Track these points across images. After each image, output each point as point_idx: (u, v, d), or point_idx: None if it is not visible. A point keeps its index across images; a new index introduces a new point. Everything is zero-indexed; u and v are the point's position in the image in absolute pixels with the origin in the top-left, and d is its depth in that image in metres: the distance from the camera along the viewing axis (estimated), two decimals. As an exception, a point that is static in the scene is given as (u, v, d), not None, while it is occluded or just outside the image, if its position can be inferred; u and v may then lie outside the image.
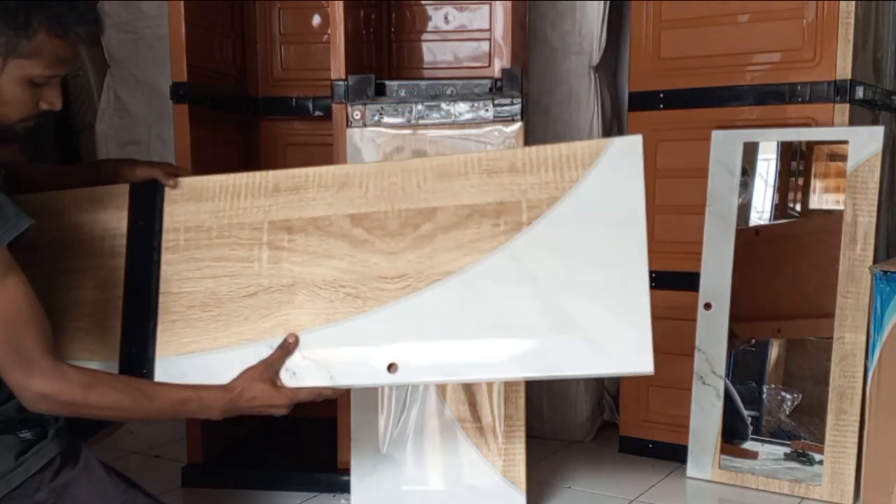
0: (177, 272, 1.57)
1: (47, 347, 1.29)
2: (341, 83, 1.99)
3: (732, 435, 2.18)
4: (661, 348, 2.31)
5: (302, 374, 1.49)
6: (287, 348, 1.48)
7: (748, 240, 2.18)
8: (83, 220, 1.61)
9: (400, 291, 1.49)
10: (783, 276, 2.18)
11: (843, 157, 2.05)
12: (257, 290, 1.54)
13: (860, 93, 2.11)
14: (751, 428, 2.18)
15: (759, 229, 2.20)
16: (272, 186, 1.58)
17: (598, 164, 1.49)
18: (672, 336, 2.32)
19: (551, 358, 1.44)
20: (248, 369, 1.47)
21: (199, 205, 1.60)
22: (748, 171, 2.18)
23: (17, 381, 1.27)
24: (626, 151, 1.49)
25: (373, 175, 1.56)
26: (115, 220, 1.61)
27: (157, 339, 1.54)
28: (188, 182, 1.62)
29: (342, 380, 1.49)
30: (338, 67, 2.00)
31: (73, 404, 1.31)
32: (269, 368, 1.47)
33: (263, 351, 1.49)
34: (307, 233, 1.55)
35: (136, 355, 1.54)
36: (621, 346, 1.43)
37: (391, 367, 1.46)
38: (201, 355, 1.52)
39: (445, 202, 1.52)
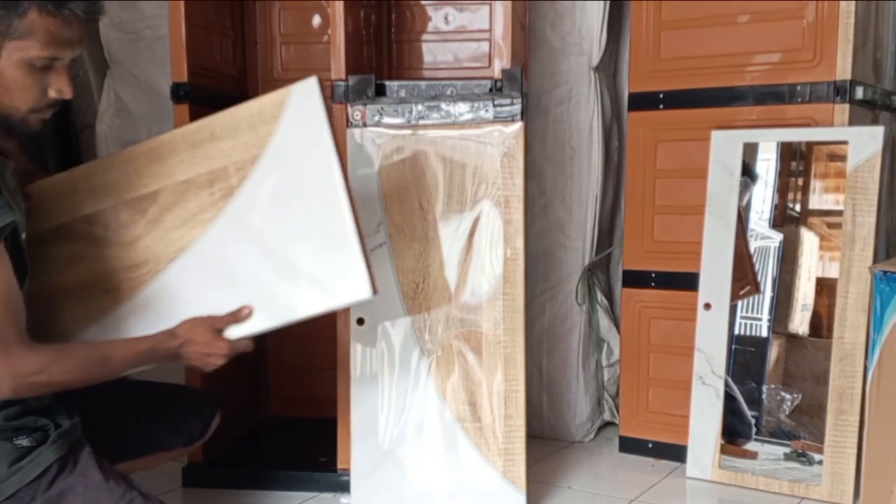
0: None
1: (23, 331, 1.32)
2: (341, 83, 1.99)
3: (735, 435, 2.19)
4: (662, 348, 2.35)
5: None
6: (237, 316, 1.52)
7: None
8: None
9: (146, 276, 1.57)
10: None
11: (843, 158, 2.06)
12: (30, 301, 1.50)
13: (860, 93, 2.11)
14: (754, 429, 2.18)
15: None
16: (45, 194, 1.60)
17: (284, 115, 1.55)
18: (672, 336, 2.32)
19: (285, 304, 1.54)
20: (195, 318, 1.51)
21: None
22: (748, 171, 2.18)
23: None
24: (306, 96, 1.54)
25: (95, 174, 1.61)
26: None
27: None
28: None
29: None
30: (338, 68, 2.00)
31: (47, 383, 1.33)
32: (215, 322, 1.51)
33: None
34: (54, 243, 1.60)
35: None
36: (341, 280, 1.53)
37: None
38: None
39: (164, 183, 1.58)
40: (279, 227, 1.54)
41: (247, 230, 1.54)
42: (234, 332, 1.54)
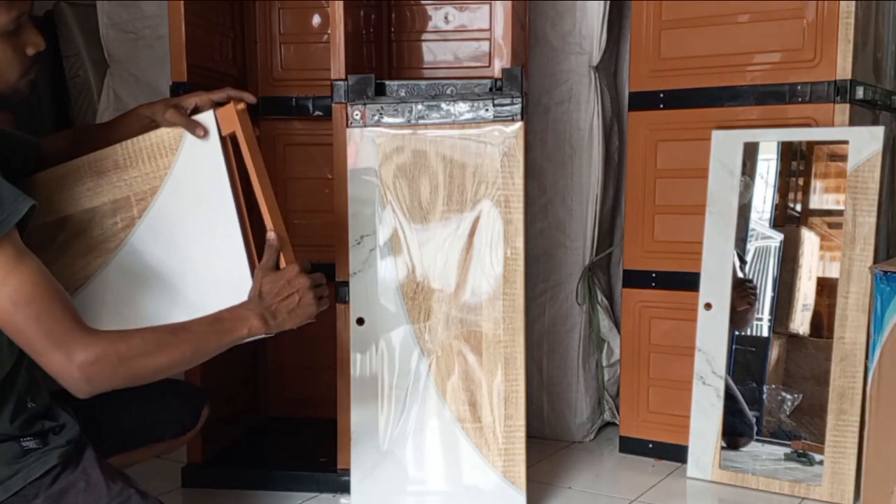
0: None
1: (77, 317, 1.27)
2: (341, 83, 1.99)
3: (737, 435, 2.18)
4: (662, 348, 2.35)
5: None
6: (272, 244, 1.50)
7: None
8: None
9: None
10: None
11: (844, 158, 2.05)
12: None
13: (860, 93, 2.11)
14: (755, 429, 2.18)
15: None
16: None
17: (183, 147, 1.56)
18: (672, 336, 2.32)
19: None
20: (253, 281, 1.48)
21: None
22: (748, 171, 2.18)
23: (59, 362, 1.23)
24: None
25: None
26: None
27: None
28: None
29: None
30: (338, 67, 2.00)
31: (120, 362, 1.27)
32: (266, 264, 1.48)
33: None
34: None
35: None
36: None
37: None
38: None
39: (71, 210, 1.57)
40: (178, 262, 1.55)
41: (149, 262, 1.55)
42: None
